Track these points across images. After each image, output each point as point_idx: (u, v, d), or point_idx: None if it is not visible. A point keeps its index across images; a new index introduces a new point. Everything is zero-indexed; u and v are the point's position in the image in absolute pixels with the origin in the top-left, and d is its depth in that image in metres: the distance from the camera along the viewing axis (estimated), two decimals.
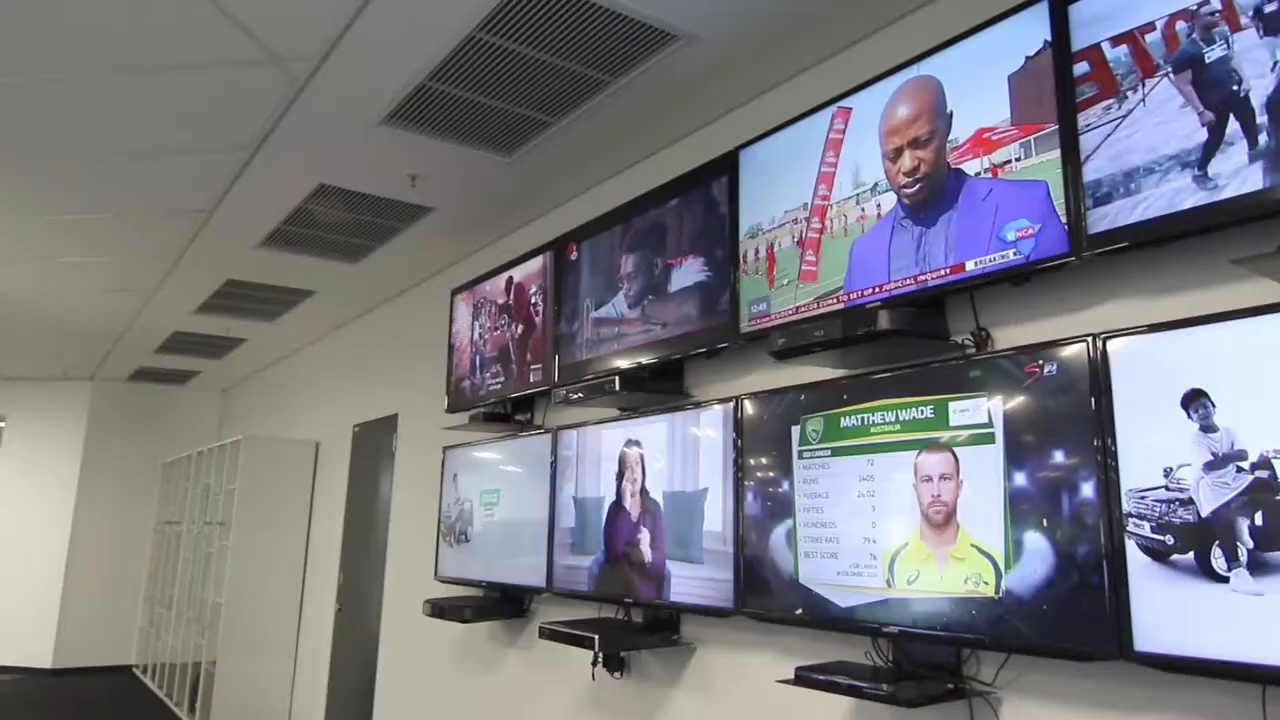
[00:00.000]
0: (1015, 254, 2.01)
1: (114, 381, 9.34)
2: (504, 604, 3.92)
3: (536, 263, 3.89)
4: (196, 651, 6.89)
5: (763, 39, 2.72)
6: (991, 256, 2.05)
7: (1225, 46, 1.70)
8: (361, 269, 5.18)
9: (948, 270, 2.14)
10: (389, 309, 5.98)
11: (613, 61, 2.83)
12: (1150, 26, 1.82)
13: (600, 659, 3.19)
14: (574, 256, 3.64)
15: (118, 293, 5.89)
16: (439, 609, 3.91)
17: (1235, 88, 1.68)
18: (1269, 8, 1.64)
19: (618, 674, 3.25)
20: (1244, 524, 1.57)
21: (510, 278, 4.08)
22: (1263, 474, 1.55)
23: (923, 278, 2.20)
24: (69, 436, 9.19)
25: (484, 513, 4.01)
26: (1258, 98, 1.64)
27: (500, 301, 4.13)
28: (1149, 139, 1.80)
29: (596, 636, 2.88)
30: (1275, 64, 1.62)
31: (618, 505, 3.18)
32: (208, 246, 4.85)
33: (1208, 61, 1.72)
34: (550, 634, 3.09)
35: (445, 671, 4.52)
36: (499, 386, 4.05)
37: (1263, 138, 1.62)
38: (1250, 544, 1.55)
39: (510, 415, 4.10)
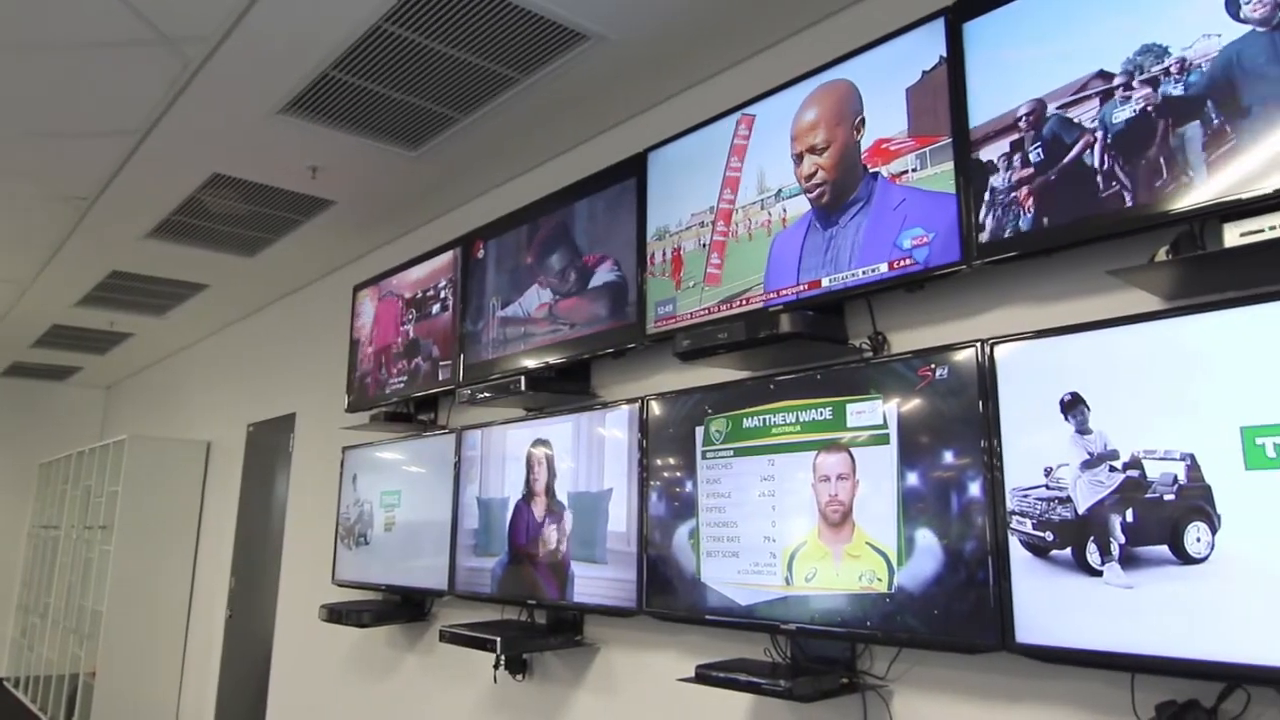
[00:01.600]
0: (910, 261, 2.07)
1: None
2: (404, 608, 3.84)
3: (445, 259, 3.83)
4: (74, 662, 6.54)
5: (672, 43, 2.74)
6: (888, 263, 2.12)
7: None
8: (258, 262, 5.01)
9: (848, 275, 2.20)
10: (287, 304, 5.79)
11: (522, 59, 2.81)
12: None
13: (502, 661, 3.16)
14: (481, 255, 3.60)
15: None
16: (336, 614, 3.80)
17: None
18: None
19: (520, 676, 3.22)
20: (1116, 520, 1.66)
21: (418, 274, 4.00)
22: (1133, 473, 1.65)
23: (824, 282, 2.25)
24: None
25: (384, 514, 3.92)
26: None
27: (408, 298, 4.04)
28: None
29: (498, 639, 2.85)
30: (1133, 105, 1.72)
31: (522, 506, 3.15)
32: (91, 236, 4.60)
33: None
34: (451, 637, 3.04)
35: (341, 678, 4.40)
36: (402, 385, 3.97)
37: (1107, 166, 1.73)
38: (1122, 539, 1.64)
39: (413, 415, 4.02)
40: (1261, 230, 1.51)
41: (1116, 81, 1.77)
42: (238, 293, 5.72)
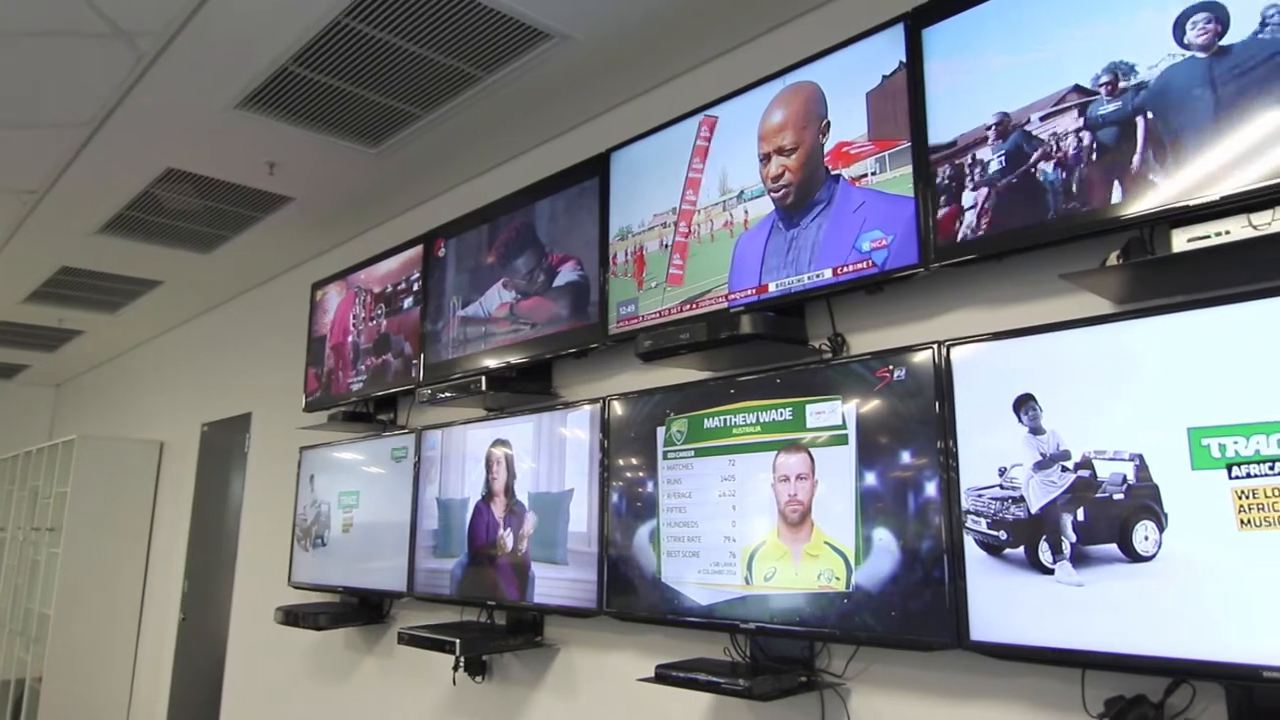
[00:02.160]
0: (869, 264, 2.10)
1: None
2: (362, 610, 3.79)
3: (407, 256, 3.78)
4: (20, 667, 6.39)
5: (636, 44, 2.74)
6: (848, 266, 2.14)
7: None
8: (214, 259, 4.92)
9: (808, 277, 2.22)
10: (244, 302, 5.70)
11: (485, 57, 2.80)
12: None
13: (461, 663, 3.13)
14: (442, 253, 3.57)
15: None
16: (292, 616, 3.75)
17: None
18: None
19: (480, 678, 3.20)
20: (1068, 520, 1.69)
21: (389, 267, 3.93)
22: (1084, 473, 1.68)
23: (785, 283, 2.27)
24: None
25: (343, 515, 3.88)
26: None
27: (377, 293, 3.99)
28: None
29: (458, 640, 2.83)
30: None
31: (482, 507, 3.13)
32: (40, 230, 4.48)
33: None
34: (410, 639, 3.01)
35: (298, 681, 4.34)
36: (361, 385, 3.92)
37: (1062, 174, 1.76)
38: (1073, 538, 1.68)
39: (372, 415, 3.98)
40: (1208, 236, 1.55)
41: (1072, 92, 1.80)
42: (193, 290, 5.62)
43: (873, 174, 2.13)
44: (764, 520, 2.21)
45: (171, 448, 6.36)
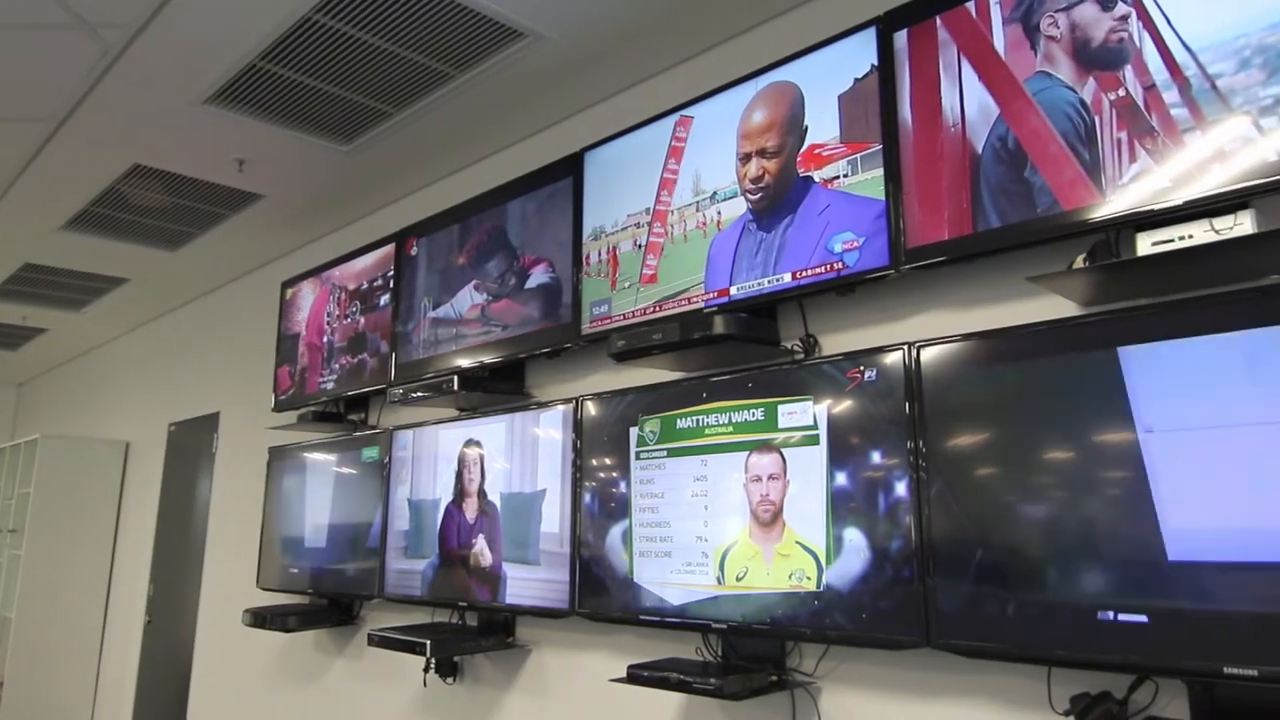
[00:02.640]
0: (841, 265, 2.11)
1: None
2: (331, 611, 3.76)
3: (381, 254, 3.75)
4: None
5: (611, 44, 2.74)
6: (819, 267, 2.15)
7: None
8: (181, 257, 4.86)
9: (780, 278, 2.23)
10: (212, 300, 5.63)
11: (458, 55, 2.78)
12: None
13: (432, 664, 3.11)
14: (414, 252, 3.54)
15: None
16: (260, 618, 3.70)
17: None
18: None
19: (451, 679, 3.18)
20: None
21: (364, 263, 3.89)
22: None
23: (758, 284, 2.28)
24: None
25: (312, 516, 3.84)
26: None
27: (352, 289, 3.95)
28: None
29: (429, 641, 2.82)
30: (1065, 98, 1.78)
31: (454, 508, 3.11)
32: (2, 226, 4.40)
33: None
34: (380, 641, 2.99)
35: (266, 684, 4.29)
36: (334, 384, 3.89)
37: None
38: None
39: (343, 415, 3.94)
40: (1171, 240, 1.58)
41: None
42: (160, 287, 5.54)
43: (845, 176, 2.14)
44: (736, 520, 2.22)
45: (137, 448, 6.26)
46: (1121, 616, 1.56)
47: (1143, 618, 1.54)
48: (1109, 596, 1.58)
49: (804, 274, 2.18)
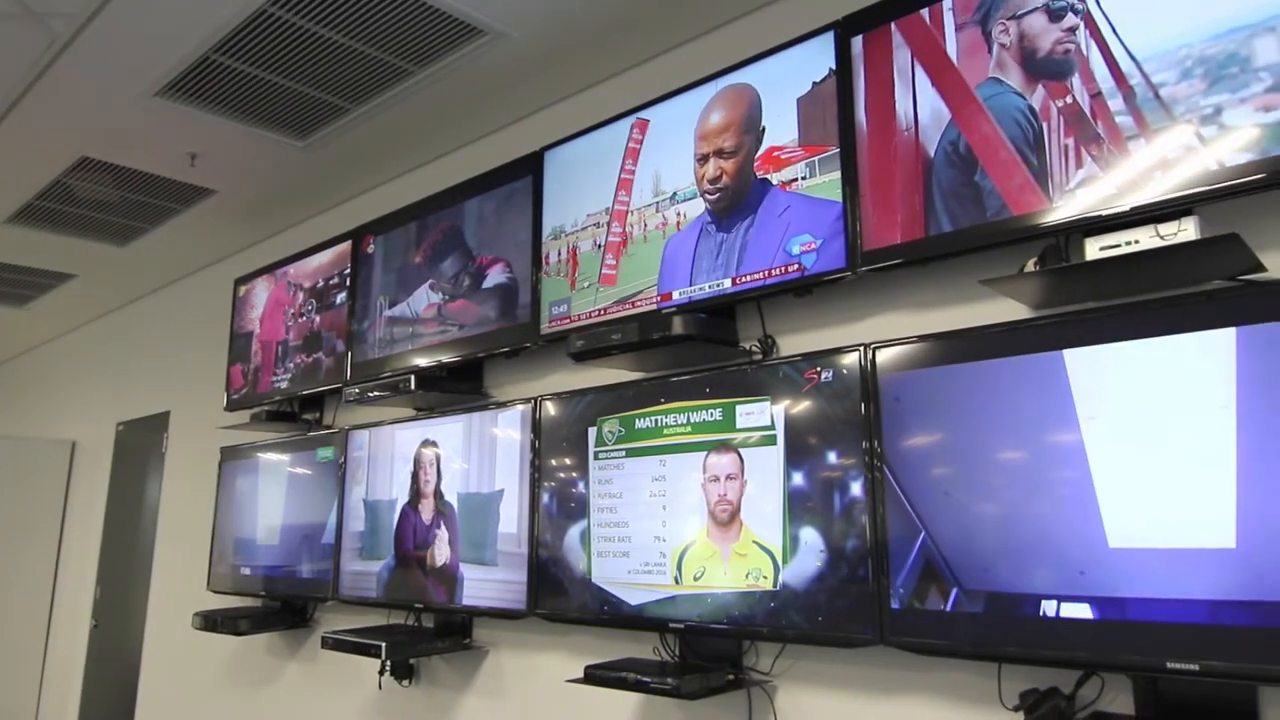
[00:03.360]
0: (799, 267, 2.13)
1: None
2: (284, 614, 3.70)
3: (337, 252, 3.70)
4: None
5: (572, 43, 2.74)
6: (777, 269, 2.17)
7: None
8: (131, 252, 4.75)
9: (739, 279, 2.24)
10: (163, 297, 5.51)
11: (417, 51, 2.76)
12: None
13: (388, 667, 3.08)
14: (370, 250, 3.50)
15: None
16: (210, 621, 3.63)
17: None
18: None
19: (406, 682, 3.15)
20: None
21: (321, 260, 3.82)
22: None
23: (717, 285, 2.29)
24: None
25: (265, 517, 3.78)
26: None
27: (308, 287, 3.89)
28: None
29: (384, 644, 2.78)
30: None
31: (410, 508, 3.08)
32: None
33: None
34: (334, 643, 2.95)
35: (216, 689, 4.21)
36: (289, 383, 3.83)
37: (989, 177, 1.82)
38: None
39: (297, 414, 3.88)
40: (1119, 245, 1.61)
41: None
42: (108, 284, 5.42)
43: (803, 178, 2.16)
44: (694, 520, 2.23)
45: (84, 447, 6.11)
46: (1067, 611, 1.60)
47: (1089, 613, 1.57)
48: (1056, 588, 1.62)
49: (763, 275, 2.19)
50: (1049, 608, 1.62)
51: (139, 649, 4.89)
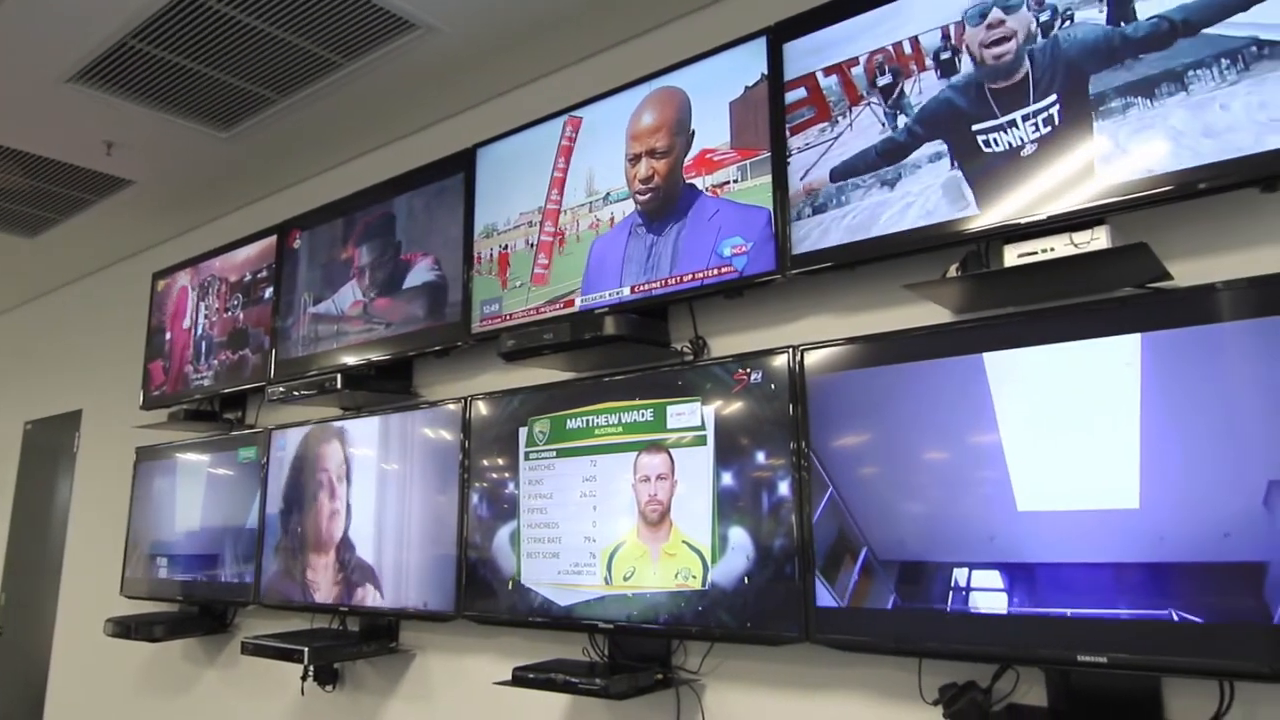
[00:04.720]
0: (730, 269, 2.15)
1: None
2: (202, 619, 3.59)
3: (263, 246, 3.60)
4: None
5: (505, 40, 2.71)
6: (709, 270, 2.18)
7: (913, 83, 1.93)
8: (41, 244, 4.55)
9: (671, 280, 2.25)
10: (75, 291, 5.30)
11: (345, 42, 2.70)
12: (854, 61, 2.02)
13: (310, 672, 3.01)
14: (296, 245, 3.42)
15: None
16: (124, 627, 3.50)
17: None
18: (945, 55, 1.88)
19: (330, 687, 3.08)
20: None
21: (248, 253, 3.70)
22: None
23: (649, 285, 2.29)
24: None
25: (183, 520, 3.65)
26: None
27: (233, 281, 3.76)
28: (856, 158, 1.98)
29: (306, 649, 2.72)
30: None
31: (336, 510, 3.02)
32: None
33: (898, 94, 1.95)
34: (255, 649, 2.87)
35: (131, 697, 4.06)
36: (209, 382, 3.71)
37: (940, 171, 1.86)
38: None
39: (218, 414, 3.77)
40: (1036, 252, 1.67)
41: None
42: (16, 276, 5.19)
43: (734, 182, 2.18)
44: (624, 520, 2.23)
45: None
46: (978, 580, 1.64)
47: (999, 582, 1.62)
48: (968, 554, 1.68)
49: (695, 277, 2.21)
50: (960, 576, 1.67)
51: (47, 657, 4.69)
